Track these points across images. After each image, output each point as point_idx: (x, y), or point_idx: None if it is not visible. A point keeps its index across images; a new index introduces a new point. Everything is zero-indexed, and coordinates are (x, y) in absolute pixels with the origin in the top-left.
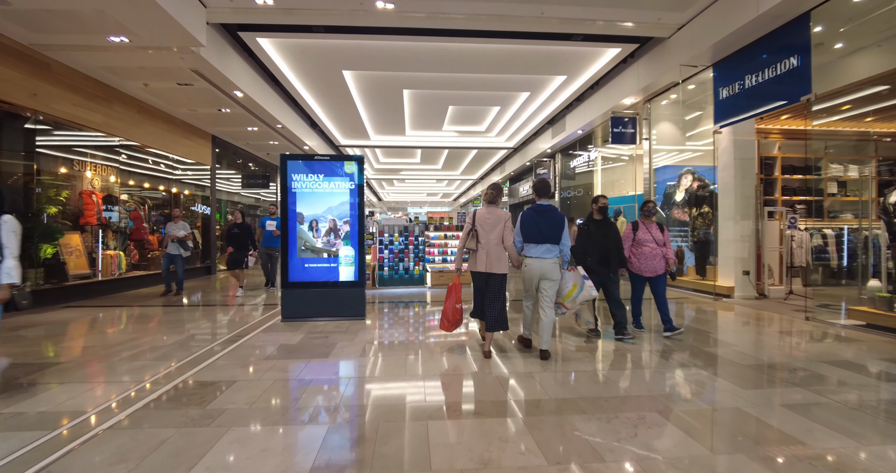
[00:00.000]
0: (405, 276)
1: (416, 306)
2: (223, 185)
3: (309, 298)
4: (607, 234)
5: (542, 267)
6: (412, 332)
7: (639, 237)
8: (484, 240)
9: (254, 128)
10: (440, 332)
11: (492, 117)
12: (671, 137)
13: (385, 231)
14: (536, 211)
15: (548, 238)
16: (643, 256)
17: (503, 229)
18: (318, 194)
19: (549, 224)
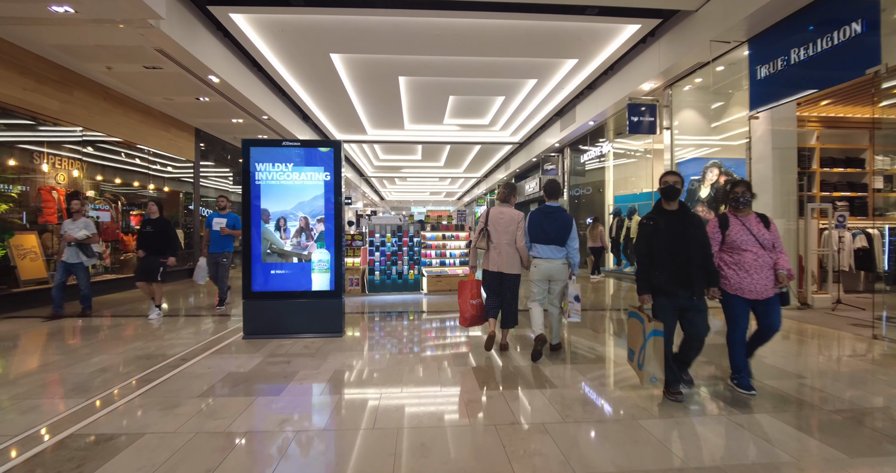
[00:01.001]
0: (398, 281)
1: (408, 317)
2: (211, 182)
3: (275, 311)
4: (687, 234)
5: (551, 268)
6: (399, 354)
7: (732, 238)
8: (496, 241)
9: (239, 120)
10: (437, 353)
11: (496, 108)
12: (695, 127)
13: (376, 231)
14: (543, 212)
15: (553, 239)
16: (743, 267)
17: (516, 230)
18: (286, 187)
19: (554, 225)
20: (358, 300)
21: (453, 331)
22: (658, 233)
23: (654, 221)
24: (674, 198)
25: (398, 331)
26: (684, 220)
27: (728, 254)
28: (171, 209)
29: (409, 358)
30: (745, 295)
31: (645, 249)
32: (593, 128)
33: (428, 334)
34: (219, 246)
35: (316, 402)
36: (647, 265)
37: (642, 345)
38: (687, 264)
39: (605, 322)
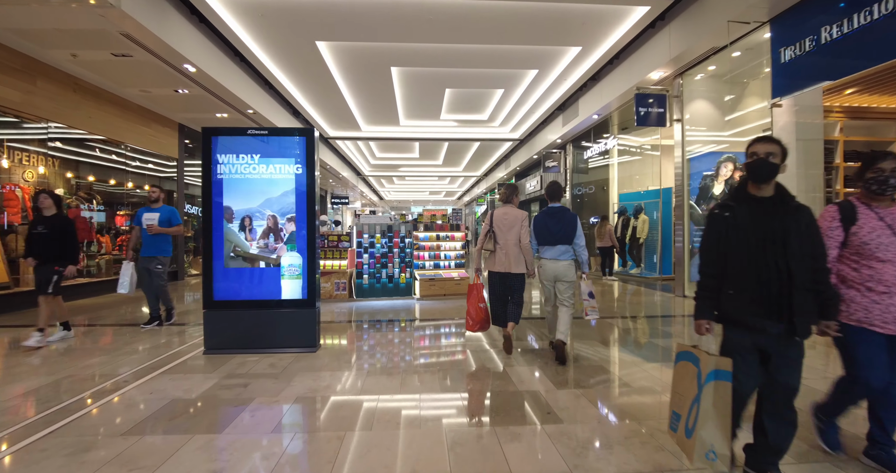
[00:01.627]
0: (389, 286)
1: (398, 325)
2: (199, 180)
3: (240, 323)
4: (786, 233)
5: (556, 269)
6: (382, 375)
7: (862, 239)
8: (502, 241)
9: (223, 114)
10: (429, 374)
11: (495, 102)
12: (707, 119)
13: (364, 231)
14: (548, 214)
15: (559, 239)
16: (880, 285)
17: (520, 229)
18: (252, 182)
19: (559, 225)
20: (344, 306)
21: (450, 343)
22: (737, 231)
23: (732, 212)
24: (767, 179)
25: (384, 344)
26: (782, 213)
27: (853, 265)
28: None
29: (393, 381)
30: (878, 328)
31: (713, 254)
32: (597, 123)
33: (420, 347)
34: (151, 248)
35: (264, 445)
36: (715, 278)
37: (695, 398)
38: (783, 280)
39: (613, 330)
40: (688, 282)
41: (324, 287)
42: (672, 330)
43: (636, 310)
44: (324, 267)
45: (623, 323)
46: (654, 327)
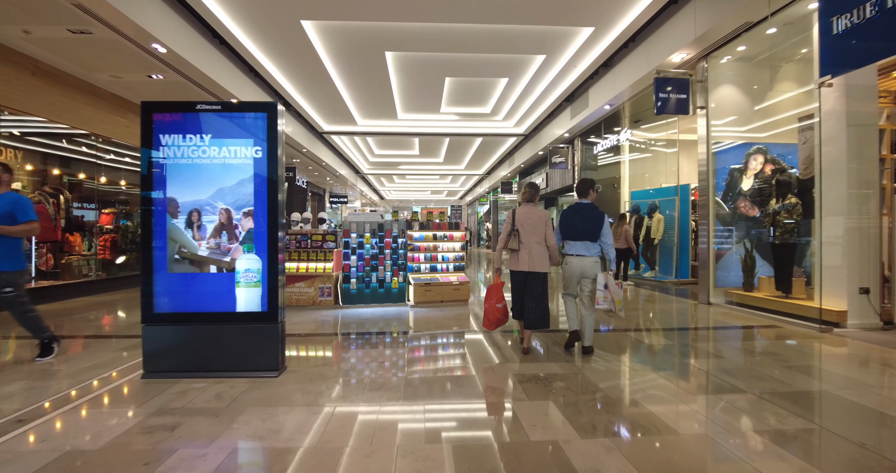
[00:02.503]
0: (379, 291)
1: (388, 338)
2: None
3: (187, 341)
4: None
5: (583, 265)
6: (361, 414)
7: None
8: (526, 240)
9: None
10: (424, 410)
11: (498, 93)
12: (735, 107)
13: (352, 230)
14: (574, 210)
15: (585, 235)
16: None
17: (545, 229)
18: (201, 168)
19: (586, 222)
20: (328, 314)
21: (451, 365)
22: None
23: None
24: None
25: (367, 365)
26: None
27: None
28: (136, 206)
29: (371, 427)
30: None
31: None
32: (608, 115)
33: (413, 370)
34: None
35: None
36: None
37: None
38: None
39: (626, 346)
40: (713, 288)
41: (306, 292)
42: (709, 349)
43: (656, 321)
44: (307, 271)
45: (645, 339)
46: (688, 347)
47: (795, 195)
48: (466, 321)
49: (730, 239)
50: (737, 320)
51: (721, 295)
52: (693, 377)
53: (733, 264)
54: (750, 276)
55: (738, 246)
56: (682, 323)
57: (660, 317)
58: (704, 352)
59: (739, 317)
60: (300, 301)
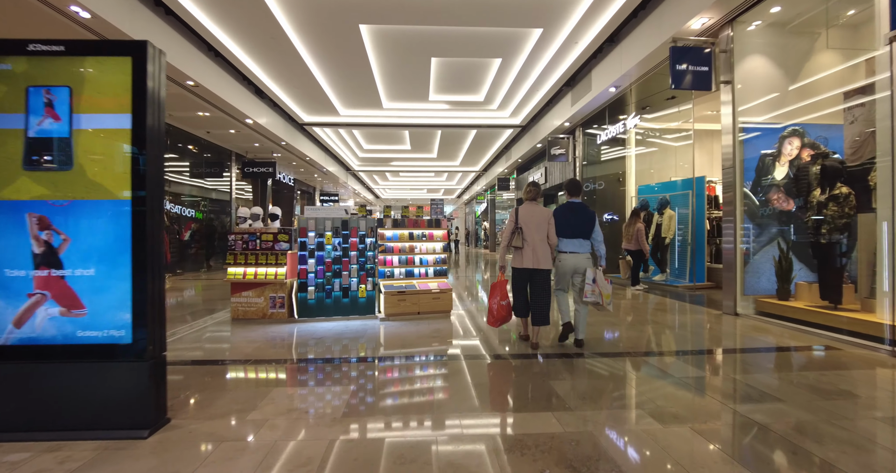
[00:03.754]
0: (343, 301)
1: (350, 365)
2: None
3: (14, 386)
4: None
5: (576, 262)
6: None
7: None
8: (530, 238)
9: None
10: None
11: (491, 77)
12: (766, 82)
13: (310, 228)
14: (568, 208)
15: (578, 233)
16: None
17: (548, 227)
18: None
19: (579, 220)
20: (279, 330)
21: (441, 410)
22: None
23: None
24: None
25: (304, 414)
26: None
27: None
28: None
29: None
30: None
31: None
32: (613, 99)
33: (376, 425)
34: None
35: None
36: None
37: None
38: None
39: (628, 381)
40: (741, 295)
41: (255, 303)
42: (754, 383)
43: (673, 338)
44: (255, 277)
45: (657, 364)
46: (726, 384)
47: (845, 183)
48: (450, 338)
49: (760, 238)
50: (775, 337)
51: (750, 304)
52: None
53: (764, 267)
54: (785, 282)
55: (771, 247)
56: (707, 341)
57: (677, 333)
58: (752, 395)
59: (777, 333)
60: (248, 313)
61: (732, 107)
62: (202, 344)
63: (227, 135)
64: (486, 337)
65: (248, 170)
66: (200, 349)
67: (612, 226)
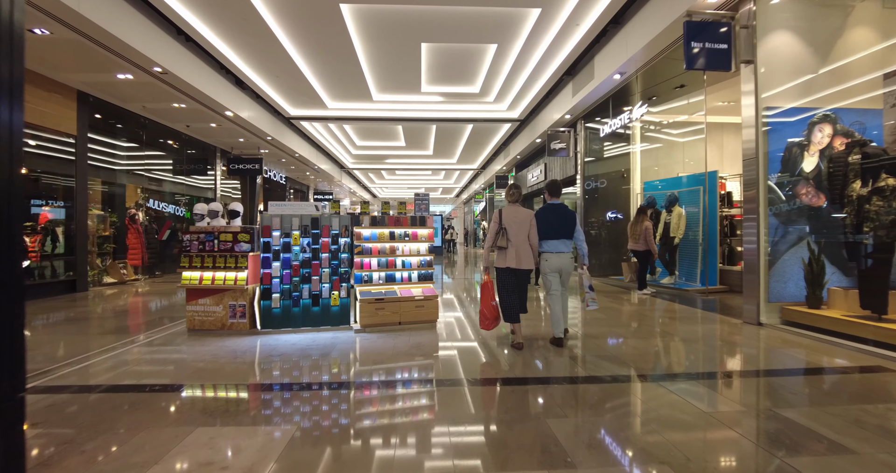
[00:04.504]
0: (313, 310)
1: (311, 392)
2: (115, 166)
3: None
4: None
5: (561, 261)
6: None
7: None
8: (514, 239)
9: (126, 75)
10: None
11: (487, 65)
12: (793, 62)
13: (274, 227)
14: (549, 209)
15: (562, 233)
16: None
17: (530, 227)
18: None
19: (562, 220)
20: (235, 345)
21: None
22: None
23: None
24: None
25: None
26: None
27: None
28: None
29: None
30: None
31: None
32: (618, 88)
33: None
34: None
35: None
36: None
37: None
38: None
39: (633, 416)
40: (765, 303)
41: (213, 312)
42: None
43: (685, 354)
44: (213, 282)
45: (668, 387)
46: (756, 422)
47: (891, 174)
48: (434, 353)
49: (786, 238)
50: (811, 353)
51: (775, 313)
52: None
53: (791, 271)
54: (816, 288)
55: (798, 248)
56: (730, 358)
57: (694, 348)
58: (810, 443)
59: (812, 348)
60: (205, 323)
61: (755, 91)
62: (139, 363)
63: (209, 130)
64: (474, 353)
65: (233, 166)
66: (132, 370)
67: (616, 226)
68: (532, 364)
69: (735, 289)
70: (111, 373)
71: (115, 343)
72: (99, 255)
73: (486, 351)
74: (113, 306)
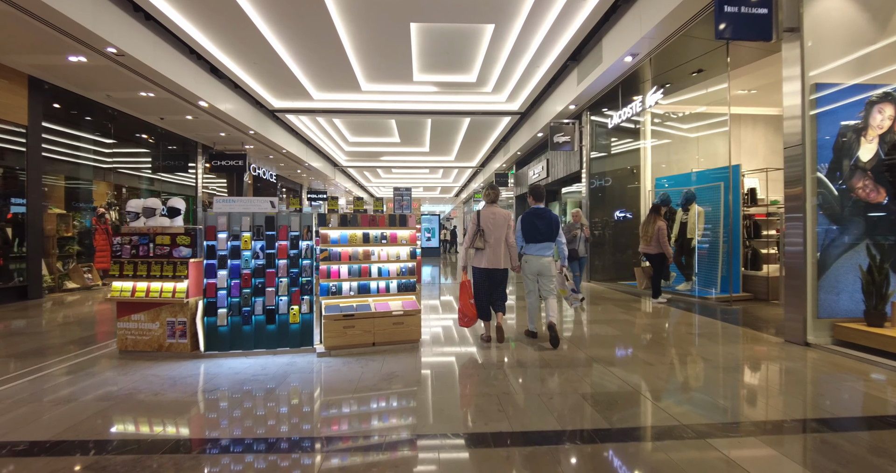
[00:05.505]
0: (268, 328)
1: (209, 463)
2: (69, 157)
3: None
4: None
5: (541, 264)
6: None
7: None
8: (491, 240)
9: (79, 57)
10: None
11: (483, 50)
12: (847, 31)
13: (221, 228)
14: (534, 214)
15: (546, 237)
16: None
17: (507, 229)
18: None
19: (546, 224)
20: (165, 374)
21: None
22: None
23: None
24: None
25: None
26: None
27: None
28: None
29: None
30: None
31: None
32: (628, 73)
33: None
34: None
35: None
36: None
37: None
38: None
39: None
40: (813, 318)
41: (148, 330)
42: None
43: (709, 392)
44: (146, 294)
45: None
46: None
47: None
48: (413, 388)
49: (839, 241)
50: (884, 388)
51: (825, 330)
52: None
53: (845, 280)
54: (879, 301)
55: (854, 252)
56: (781, 400)
57: (732, 379)
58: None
59: (886, 380)
60: (139, 344)
61: (800, 64)
62: (23, 403)
63: (186, 123)
64: (466, 386)
65: (215, 163)
66: (8, 416)
67: (624, 226)
68: (535, 405)
69: (760, 297)
70: None
71: (18, 370)
72: (60, 258)
73: (482, 383)
74: (56, 318)
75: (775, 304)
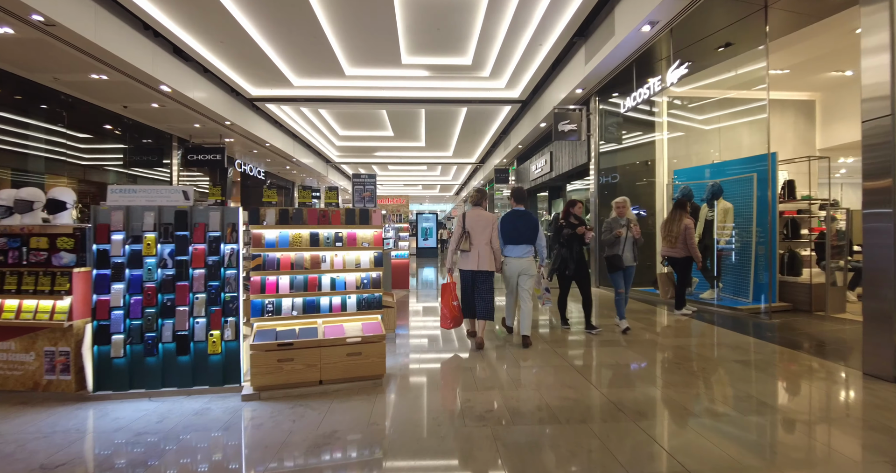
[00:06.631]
0: (179, 360)
1: None
2: (40, 151)
3: None
4: None
5: (521, 265)
6: None
7: None
8: (476, 242)
9: (5, 27)
10: None
11: (479, 26)
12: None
13: (117, 227)
14: (515, 215)
15: (526, 239)
16: None
17: (492, 231)
18: None
19: (526, 226)
20: (22, 431)
21: None
22: None
23: None
24: None
25: None
26: None
27: None
28: None
29: None
30: None
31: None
32: (643, 49)
33: None
34: None
35: None
36: None
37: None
38: None
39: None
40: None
41: (21, 363)
42: None
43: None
44: (16, 315)
45: None
46: None
47: None
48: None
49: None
50: None
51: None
52: None
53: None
54: None
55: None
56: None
57: (802, 443)
58: None
59: None
60: (8, 381)
61: (891, 15)
62: None
63: (154, 112)
64: (432, 460)
65: (191, 157)
66: None
67: (641, 224)
68: None
69: (800, 308)
70: None
71: None
72: None
73: (465, 443)
74: None
75: (820, 316)
